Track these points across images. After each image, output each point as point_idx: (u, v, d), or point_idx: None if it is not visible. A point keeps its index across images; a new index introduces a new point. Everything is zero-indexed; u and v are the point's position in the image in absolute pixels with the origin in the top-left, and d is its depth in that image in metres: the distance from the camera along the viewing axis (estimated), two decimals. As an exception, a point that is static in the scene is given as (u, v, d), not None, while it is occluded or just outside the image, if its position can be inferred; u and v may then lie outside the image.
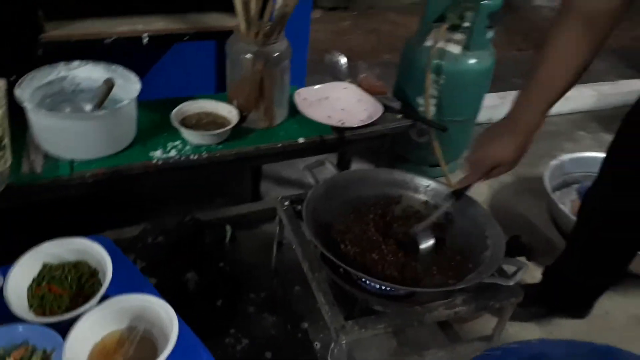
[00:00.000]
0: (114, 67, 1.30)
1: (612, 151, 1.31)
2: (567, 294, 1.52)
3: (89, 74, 1.31)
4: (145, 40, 1.38)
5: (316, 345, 1.41)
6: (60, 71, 1.29)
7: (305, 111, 1.48)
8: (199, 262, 1.44)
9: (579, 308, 1.56)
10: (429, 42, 1.86)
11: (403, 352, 1.21)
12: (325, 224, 1.16)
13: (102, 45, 1.35)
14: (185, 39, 1.43)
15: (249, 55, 1.32)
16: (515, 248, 1.77)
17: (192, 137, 1.32)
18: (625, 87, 2.77)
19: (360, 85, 1.64)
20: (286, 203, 1.27)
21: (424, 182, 1.28)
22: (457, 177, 2.11)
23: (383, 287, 1.05)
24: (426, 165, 2.08)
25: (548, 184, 1.90)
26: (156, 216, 1.56)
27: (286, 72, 1.39)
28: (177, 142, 1.32)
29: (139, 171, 1.25)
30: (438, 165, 2.09)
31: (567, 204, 1.93)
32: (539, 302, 1.53)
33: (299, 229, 1.20)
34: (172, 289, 1.35)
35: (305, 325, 1.44)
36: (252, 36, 1.31)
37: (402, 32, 3.65)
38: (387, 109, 1.54)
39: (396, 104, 1.59)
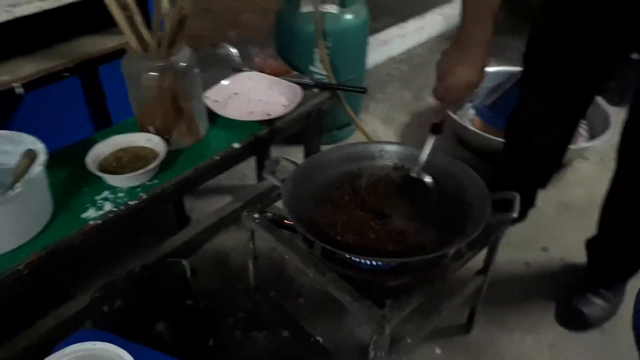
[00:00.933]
0: (-6, 132, 1.07)
1: (524, 65, 1.40)
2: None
3: (-36, 148, 1.06)
4: (19, 92, 1.15)
5: (319, 340, 1.36)
6: None
7: (223, 113, 1.37)
8: (166, 309, 1.30)
9: (522, 212, 1.70)
10: (305, 9, 1.81)
11: (423, 314, 1.21)
12: (310, 222, 1.09)
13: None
14: (65, 76, 1.22)
15: (154, 73, 1.16)
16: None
17: (122, 181, 1.14)
18: (464, 4, 3.00)
19: (261, 70, 1.55)
20: (256, 215, 1.17)
21: (375, 147, 1.26)
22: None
23: (393, 264, 1.03)
24: (334, 130, 2.07)
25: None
26: (92, 280, 1.37)
27: (198, 79, 1.26)
28: (105, 193, 1.14)
29: (79, 240, 1.06)
30: (345, 127, 2.10)
31: (468, 123, 2.06)
32: None
33: (285, 237, 1.12)
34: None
35: (302, 324, 1.38)
36: (154, 50, 1.15)
37: (236, 6, 3.53)
38: (301, 86, 1.47)
39: (307, 79, 1.54)
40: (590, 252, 1.51)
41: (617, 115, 1.97)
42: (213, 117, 1.36)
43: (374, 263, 1.01)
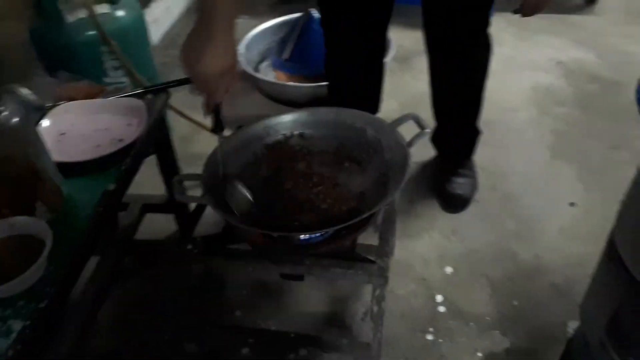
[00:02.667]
0: None
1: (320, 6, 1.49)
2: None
3: None
4: None
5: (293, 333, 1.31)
6: None
7: (65, 159, 1.12)
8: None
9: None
10: (72, 17, 1.55)
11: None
12: (257, 219, 1.02)
13: None
14: None
15: (-18, 144, 0.89)
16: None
17: (14, 288, 0.87)
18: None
19: (72, 98, 1.30)
20: (189, 247, 1.03)
21: (258, 127, 1.21)
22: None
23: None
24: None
25: (251, 70, 2.01)
26: None
27: (35, 133, 1.00)
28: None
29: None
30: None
31: (274, 79, 2.09)
32: None
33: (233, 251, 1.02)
34: None
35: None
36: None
37: None
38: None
39: (132, 90, 1.35)
40: (436, 143, 1.74)
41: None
42: (62, 170, 1.11)
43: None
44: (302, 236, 1.03)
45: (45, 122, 1.20)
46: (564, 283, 1.41)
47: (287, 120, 1.23)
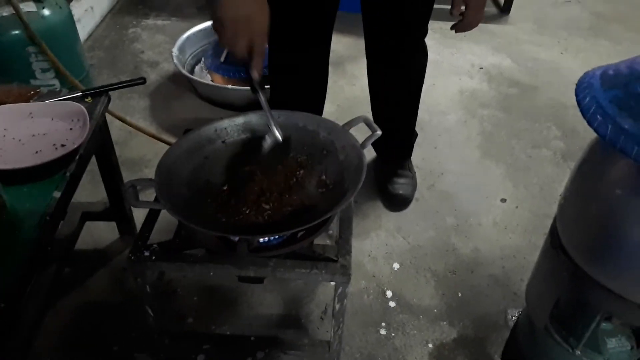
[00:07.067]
0: None
1: None
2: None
3: None
4: None
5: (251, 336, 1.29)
6: None
7: (5, 167, 1.05)
8: None
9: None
10: (-4, 15, 1.45)
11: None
12: (218, 223, 1.00)
13: None
14: None
15: None
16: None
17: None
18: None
19: (3, 103, 1.21)
20: (146, 253, 0.99)
21: (208, 130, 1.18)
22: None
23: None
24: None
25: (187, 73, 1.98)
26: None
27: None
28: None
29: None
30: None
31: (208, 78, 2.07)
32: None
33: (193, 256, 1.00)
34: None
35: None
36: None
37: None
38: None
39: (73, 93, 1.28)
40: (376, 146, 1.78)
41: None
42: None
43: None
44: (261, 239, 1.02)
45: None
46: (502, 274, 1.50)
47: (238, 123, 1.21)
